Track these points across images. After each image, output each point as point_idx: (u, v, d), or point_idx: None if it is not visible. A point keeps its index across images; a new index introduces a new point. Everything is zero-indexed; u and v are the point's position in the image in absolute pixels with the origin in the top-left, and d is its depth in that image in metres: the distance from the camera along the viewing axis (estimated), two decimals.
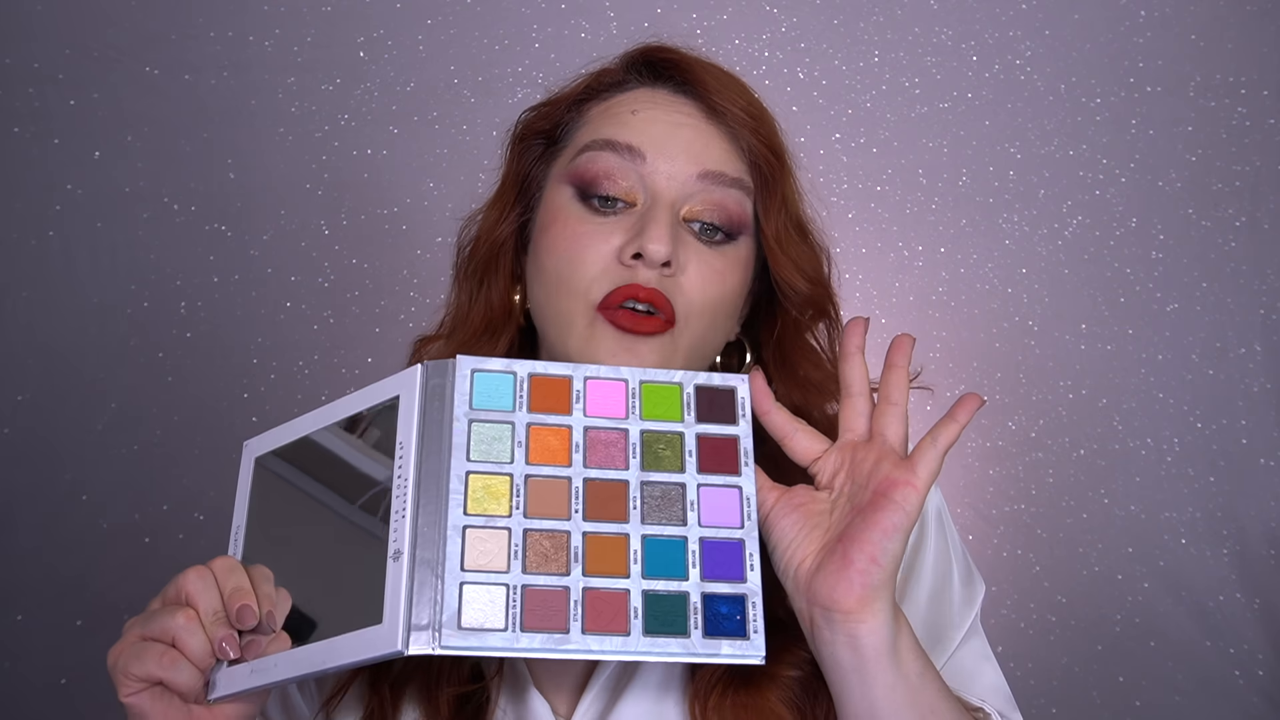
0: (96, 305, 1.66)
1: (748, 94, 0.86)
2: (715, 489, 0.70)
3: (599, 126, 0.83)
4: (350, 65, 1.72)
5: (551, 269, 0.81)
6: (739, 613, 0.67)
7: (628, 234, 0.79)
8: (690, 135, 0.81)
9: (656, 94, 0.84)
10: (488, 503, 0.67)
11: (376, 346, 1.70)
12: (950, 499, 1.73)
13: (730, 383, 0.74)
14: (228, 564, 0.70)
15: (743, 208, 0.82)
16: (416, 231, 1.71)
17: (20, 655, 1.60)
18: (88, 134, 1.67)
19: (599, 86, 0.87)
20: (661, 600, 0.66)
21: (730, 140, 0.83)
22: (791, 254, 0.84)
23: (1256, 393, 1.77)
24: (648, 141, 0.80)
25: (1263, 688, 1.72)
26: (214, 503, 1.63)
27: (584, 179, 0.81)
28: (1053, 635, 1.74)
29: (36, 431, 1.63)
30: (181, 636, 0.66)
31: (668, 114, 0.82)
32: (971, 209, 1.79)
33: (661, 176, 0.80)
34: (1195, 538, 1.75)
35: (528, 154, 0.89)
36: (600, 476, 0.69)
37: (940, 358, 1.77)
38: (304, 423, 0.76)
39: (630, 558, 0.67)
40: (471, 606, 0.64)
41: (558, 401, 0.71)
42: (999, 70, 1.80)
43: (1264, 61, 1.79)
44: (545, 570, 0.66)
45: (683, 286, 0.79)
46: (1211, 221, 1.79)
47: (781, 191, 0.84)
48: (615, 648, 0.65)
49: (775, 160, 0.84)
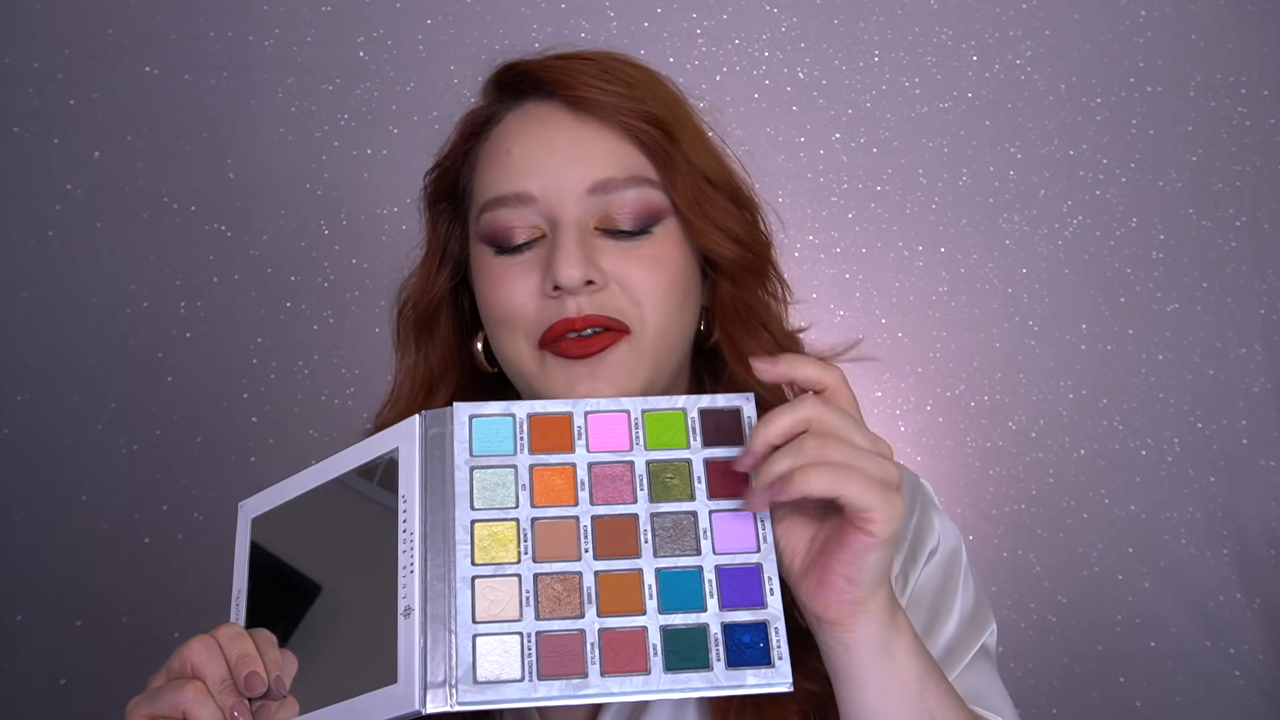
0: (96, 305, 1.66)
1: (611, 69, 0.82)
2: (728, 514, 0.68)
3: (486, 178, 0.82)
4: (350, 65, 1.72)
5: (490, 320, 0.81)
6: (761, 640, 0.65)
7: (542, 266, 0.78)
8: (568, 151, 0.79)
9: (525, 113, 0.82)
10: (495, 550, 0.66)
11: (376, 346, 1.70)
12: (950, 499, 1.73)
13: (735, 403, 0.71)
14: (232, 631, 0.67)
15: (647, 199, 0.79)
16: (416, 231, 1.70)
17: (20, 655, 1.60)
18: (88, 134, 1.67)
19: (475, 127, 0.86)
20: (681, 634, 0.65)
21: (608, 130, 0.80)
22: (710, 216, 0.81)
23: (1256, 393, 1.77)
24: (531, 179, 0.79)
25: (1263, 688, 1.72)
26: (213, 503, 1.63)
27: (492, 237, 0.80)
28: (1053, 635, 1.74)
29: (36, 431, 1.63)
30: (192, 710, 0.63)
31: (538, 133, 0.80)
32: (971, 209, 1.79)
33: (555, 205, 0.78)
34: (1195, 538, 1.75)
35: (441, 217, 0.89)
36: (609, 513, 0.68)
37: (940, 358, 1.77)
38: (298, 481, 0.74)
39: (645, 593, 0.65)
40: (486, 659, 0.63)
41: (559, 440, 0.69)
42: (999, 70, 1.80)
43: (1264, 61, 1.79)
44: (559, 614, 0.65)
45: (620, 292, 0.78)
46: (1211, 221, 1.79)
47: (682, 154, 0.81)
48: (636, 688, 0.63)
49: (661, 131, 0.80)
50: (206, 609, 0.68)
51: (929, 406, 1.78)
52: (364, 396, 1.69)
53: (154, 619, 1.60)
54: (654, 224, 0.80)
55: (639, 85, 0.82)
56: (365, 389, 1.69)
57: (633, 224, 0.79)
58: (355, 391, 1.69)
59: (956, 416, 1.77)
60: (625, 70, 0.83)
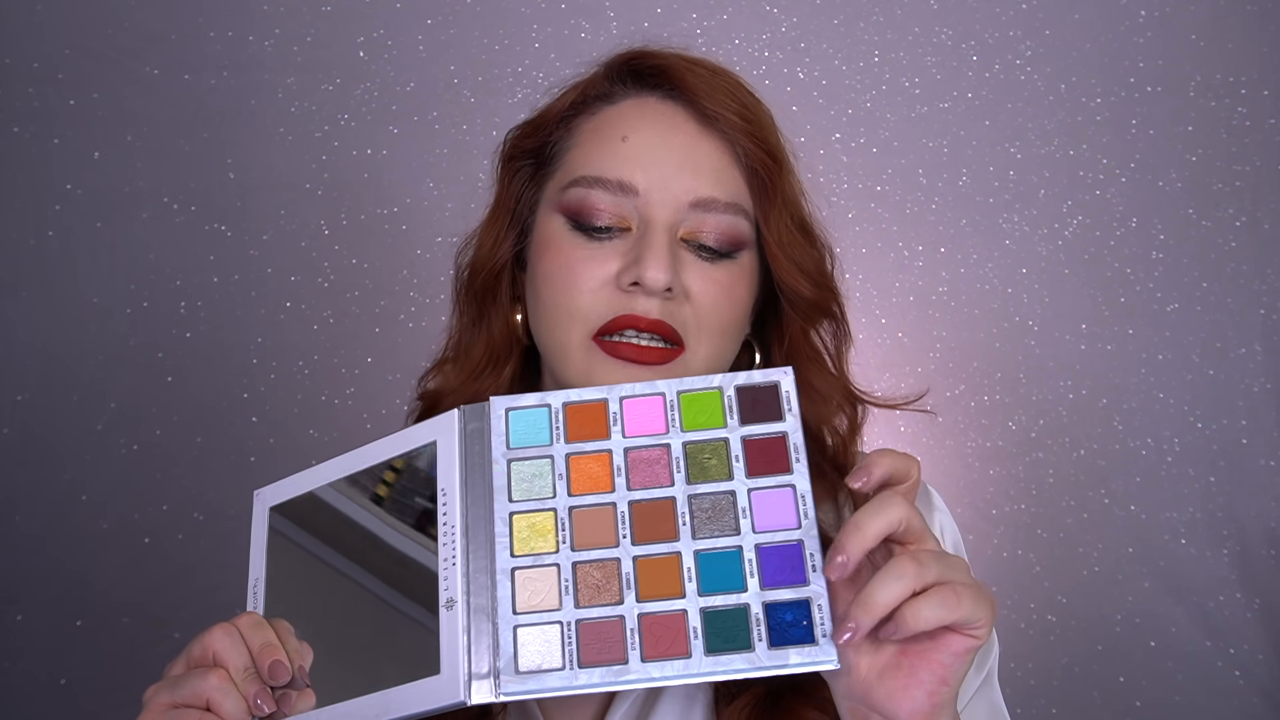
0: (96, 305, 1.66)
1: (740, 92, 0.83)
2: (767, 491, 0.67)
3: (589, 154, 0.81)
4: (350, 65, 1.72)
5: (547, 298, 0.80)
6: (805, 618, 0.63)
7: (624, 259, 0.78)
8: (682, 155, 0.79)
9: (645, 105, 0.82)
10: (534, 541, 0.66)
11: (376, 346, 1.70)
12: (950, 499, 1.73)
13: (773, 378, 0.70)
14: (253, 620, 0.68)
15: (738, 229, 0.80)
16: (416, 231, 1.71)
17: (20, 655, 1.60)
18: (88, 134, 1.67)
19: (585, 100, 0.85)
20: (721, 616, 0.64)
21: (725, 148, 0.81)
22: (795, 257, 0.82)
23: (1256, 393, 1.77)
24: (639, 173, 0.78)
25: (1263, 688, 1.72)
26: (213, 503, 1.63)
27: (576, 212, 0.79)
28: (1053, 635, 1.74)
29: (36, 431, 1.63)
30: (216, 698, 0.64)
31: (658, 131, 0.80)
32: (971, 209, 1.79)
33: (655, 206, 0.78)
34: (1195, 538, 1.75)
35: (518, 176, 0.87)
36: (646, 497, 0.67)
37: (940, 358, 1.77)
38: (322, 472, 0.74)
39: (684, 576, 0.65)
40: (527, 649, 0.64)
41: (595, 427, 0.69)
42: (999, 70, 1.80)
43: (1264, 61, 1.79)
44: (598, 602, 0.65)
45: (689, 308, 0.78)
46: (1211, 221, 1.79)
47: (781, 194, 0.82)
48: (677, 672, 0.63)
49: (773, 163, 0.81)
50: (207, 609, 0.69)
51: (929, 406, 1.78)
52: (364, 396, 1.69)
53: (154, 619, 1.60)
54: (736, 251, 0.81)
55: (763, 117, 0.83)
56: (365, 389, 1.69)
57: (718, 245, 0.79)
58: (355, 391, 1.69)
59: (956, 416, 1.77)
60: (748, 96, 0.84)
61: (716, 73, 0.84)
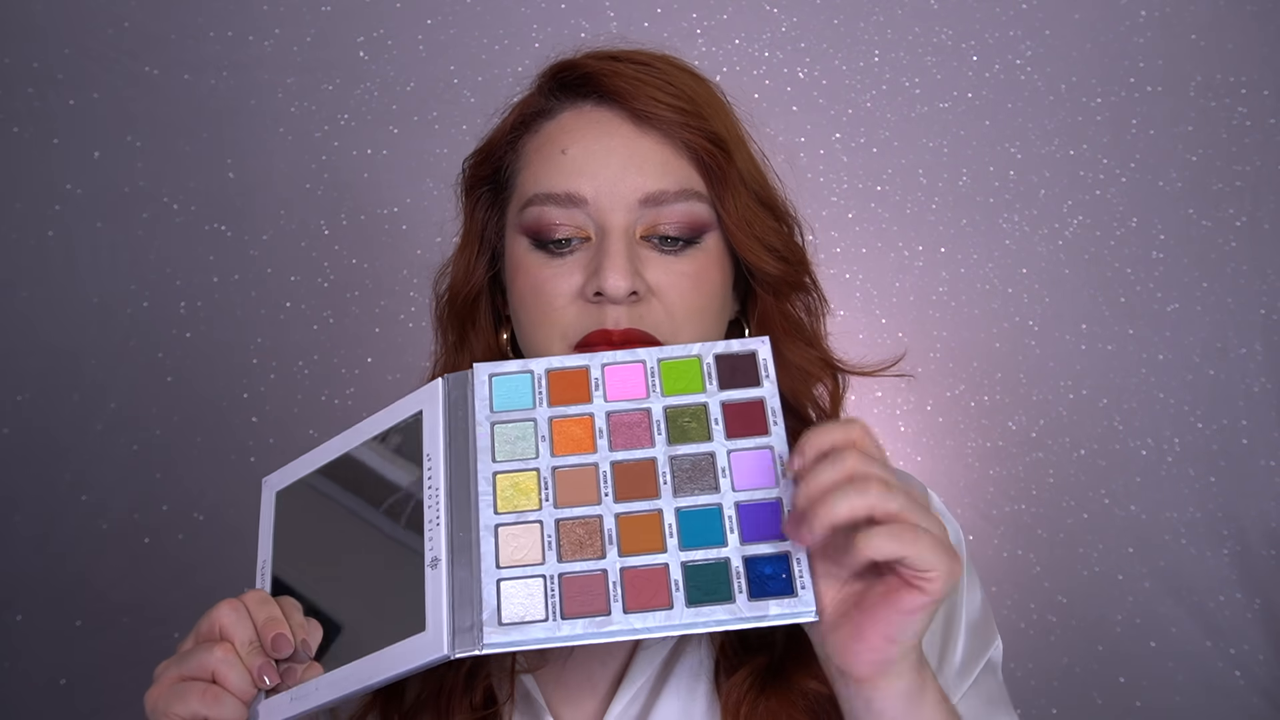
0: (96, 305, 1.66)
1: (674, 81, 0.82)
2: (746, 453, 0.68)
3: (536, 172, 0.82)
4: (350, 65, 1.72)
5: (524, 319, 0.81)
6: (784, 571, 0.65)
7: (586, 270, 0.78)
8: (624, 156, 0.79)
9: (581, 114, 0.82)
10: (518, 499, 0.68)
11: (376, 346, 1.70)
12: (950, 499, 1.73)
13: (750, 347, 0.72)
14: (259, 596, 0.70)
15: (695, 214, 0.80)
16: (416, 231, 1.71)
17: (20, 655, 1.60)
18: (88, 134, 1.67)
19: (525, 119, 0.86)
20: (702, 569, 0.65)
21: (667, 144, 0.80)
22: (758, 234, 0.82)
23: (1256, 393, 1.77)
24: (584, 182, 0.79)
25: (1263, 688, 1.72)
26: (214, 503, 1.64)
27: (535, 231, 0.80)
28: (1053, 635, 1.74)
29: (37, 431, 1.63)
30: (221, 670, 0.65)
31: (596, 137, 0.80)
32: (971, 209, 1.79)
33: (606, 211, 0.79)
34: (1195, 538, 1.75)
35: (480, 203, 0.89)
36: (628, 458, 0.69)
37: (940, 358, 1.77)
38: (322, 453, 0.76)
39: (666, 532, 0.66)
40: (511, 601, 0.64)
41: (577, 392, 0.71)
42: (999, 70, 1.80)
43: (1264, 61, 1.79)
44: (581, 556, 0.66)
45: (659, 304, 0.78)
46: (1211, 221, 1.79)
47: (736, 173, 0.81)
48: (659, 623, 0.64)
49: (717, 148, 0.81)
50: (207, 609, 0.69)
51: (929, 406, 1.78)
52: (364, 396, 1.69)
53: (154, 619, 1.60)
54: (698, 236, 0.81)
55: (700, 101, 0.82)
56: (365, 389, 1.69)
57: (679, 233, 0.80)
58: (355, 391, 1.69)
59: (956, 416, 1.77)
60: (685, 82, 0.83)
61: (647, 65, 0.83)
